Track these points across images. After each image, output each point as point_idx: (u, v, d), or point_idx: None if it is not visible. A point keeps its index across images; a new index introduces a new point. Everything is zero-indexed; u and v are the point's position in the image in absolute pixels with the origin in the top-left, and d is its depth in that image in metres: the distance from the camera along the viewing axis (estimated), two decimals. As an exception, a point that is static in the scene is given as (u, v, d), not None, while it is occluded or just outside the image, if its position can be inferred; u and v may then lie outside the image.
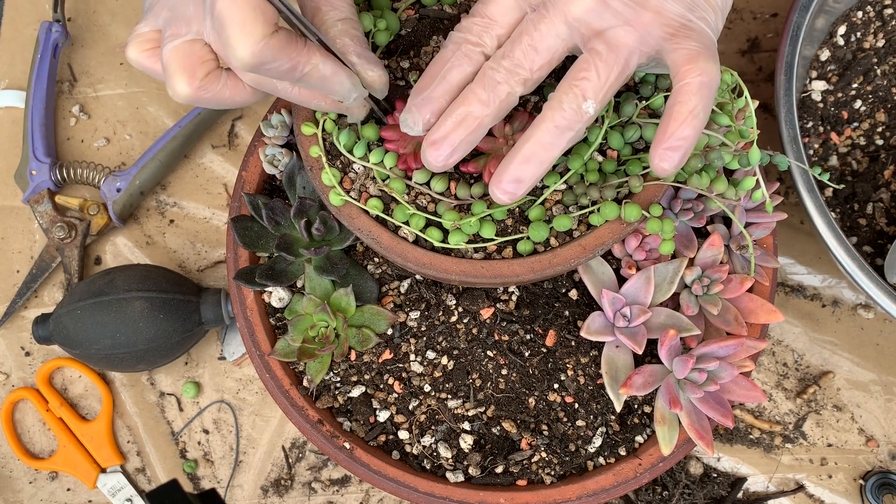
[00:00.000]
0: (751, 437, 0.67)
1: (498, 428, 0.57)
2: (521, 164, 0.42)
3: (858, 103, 0.67)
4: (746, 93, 0.48)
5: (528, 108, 0.51)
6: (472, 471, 0.56)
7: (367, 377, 0.58)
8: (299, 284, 0.59)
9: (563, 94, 0.41)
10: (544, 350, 0.58)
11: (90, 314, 0.62)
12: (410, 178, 0.49)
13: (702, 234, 0.59)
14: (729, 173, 0.58)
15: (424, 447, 0.57)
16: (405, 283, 0.59)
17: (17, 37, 0.77)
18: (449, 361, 0.58)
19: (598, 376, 0.57)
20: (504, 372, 0.58)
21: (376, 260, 0.59)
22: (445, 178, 0.49)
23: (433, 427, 0.58)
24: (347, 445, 0.56)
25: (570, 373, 0.58)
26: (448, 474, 0.57)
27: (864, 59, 0.67)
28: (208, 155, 0.74)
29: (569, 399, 0.58)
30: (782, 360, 0.69)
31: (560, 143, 0.42)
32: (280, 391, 0.57)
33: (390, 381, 0.58)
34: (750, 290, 0.58)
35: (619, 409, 0.54)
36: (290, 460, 0.68)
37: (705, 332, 0.57)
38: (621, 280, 0.57)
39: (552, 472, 0.57)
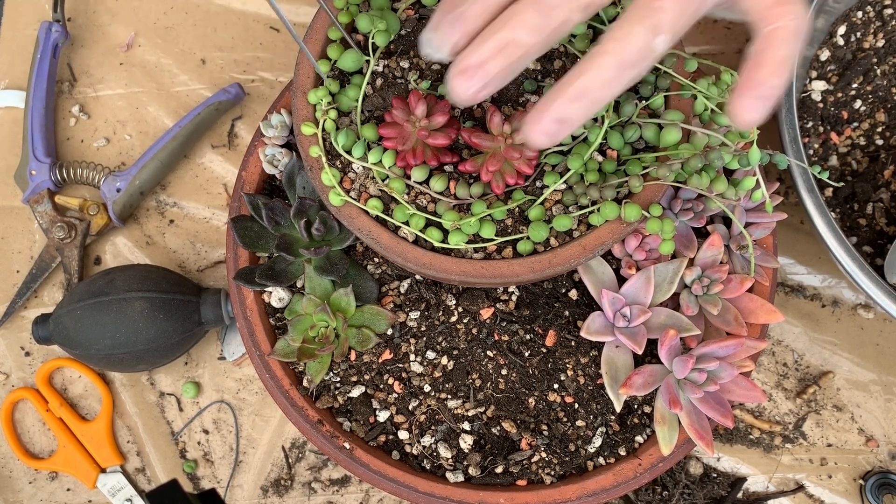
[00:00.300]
0: (751, 437, 0.67)
1: (498, 428, 0.57)
2: (570, 100, 0.35)
3: (858, 103, 0.67)
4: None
5: (529, 107, 0.51)
6: (471, 471, 0.56)
7: (367, 377, 0.58)
8: (299, 284, 0.59)
9: (634, 25, 0.35)
10: (544, 350, 0.58)
11: (90, 314, 0.62)
12: (410, 178, 0.49)
13: (702, 234, 0.59)
14: (729, 173, 0.58)
15: (424, 447, 0.57)
16: (405, 283, 0.59)
17: (17, 37, 0.77)
18: (449, 361, 0.58)
19: (598, 376, 0.57)
20: (504, 372, 0.58)
21: (376, 260, 0.59)
22: (445, 178, 0.49)
23: (433, 427, 0.58)
24: (347, 445, 0.56)
25: (570, 373, 0.58)
26: (448, 474, 0.57)
27: (863, 59, 0.67)
28: (208, 155, 0.74)
29: (569, 399, 0.58)
30: (782, 360, 0.69)
31: (621, 81, 0.35)
32: (280, 391, 0.57)
33: (390, 381, 0.58)
34: (750, 290, 0.58)
35: (619, 409, 0.54)
36: (290, 460, 0.68)
37: (705, 332, 0.57)
38: (621, 280, 0.57)
39: (552, 472, 0.57)
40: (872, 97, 0.67)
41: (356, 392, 0.58)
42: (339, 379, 0.59)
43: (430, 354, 0.58)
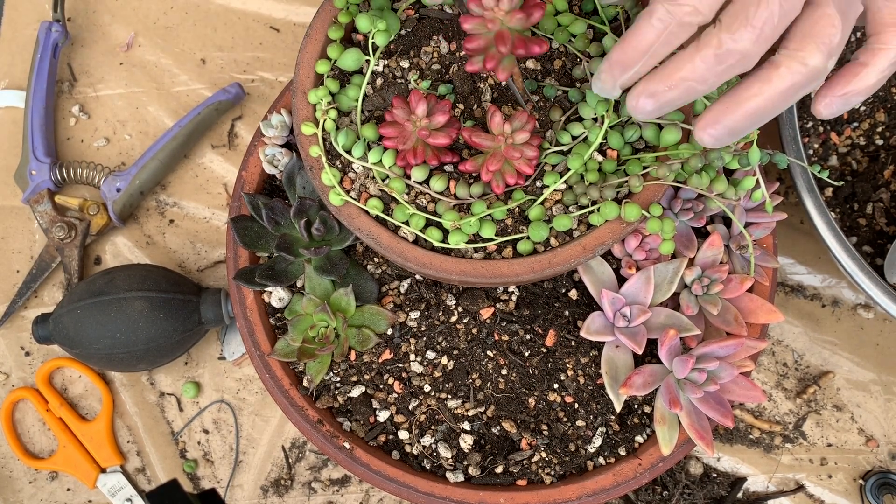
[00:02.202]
0: (751, 437, 0.67)
1: (498, 428, 0.57)
2: (744, 117, 0.38)
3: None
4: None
5: (529, 107, 0.51)
6: (472, 471, 0.56)
7: (367, 377, 0.58)
8: (299, 284, 0.59)
9: (808, 52, 0.37)
10: (544, 350, 0.58)
11: (90, 314, 0.62)
12: (410, 177, 0.49)
13: (702, 234, 0.59)
14: (729, 173, 0.58)
15: (424, 447, 0.57)
16: (405, 283, 0.59)
17: (17, 37, 0.77)
18: (449, 361, 0.58)
19: (598, 376, 0.57)
20: (504, 372, 0.58)
21: (376, 260, 0.59)
22: (445, 178, 0.49)
23: (433, 427, 0.58)
24: (347, 445, 0.56)
25: (570, 373, 0.58)
26: (448, 474, 0.57)
27: (863, 59, 0.67)
28: (208, 155, 0.74)
29: (569, 399, 0.58)
30: (782, 360, 0.69)
31: (791, 101, 0.38)
32: (280, 391, 0.57)
33: (390, 381, 0.58)
34: (750, 290, 0.58)
35: (619, 409, 0.54)
36: (290, 460, 0.68)
37: (705, 332, 0.57)
38: (621, 280, 0.57)
39: (552, 472, 0.57)
40: (872, 97, 0.67)
41: (356, 392, 0.58)
42: (339, 379, 0.59)
43: (430, 354, 0.58)
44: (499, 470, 0.57)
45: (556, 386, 0.58)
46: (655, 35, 0.38)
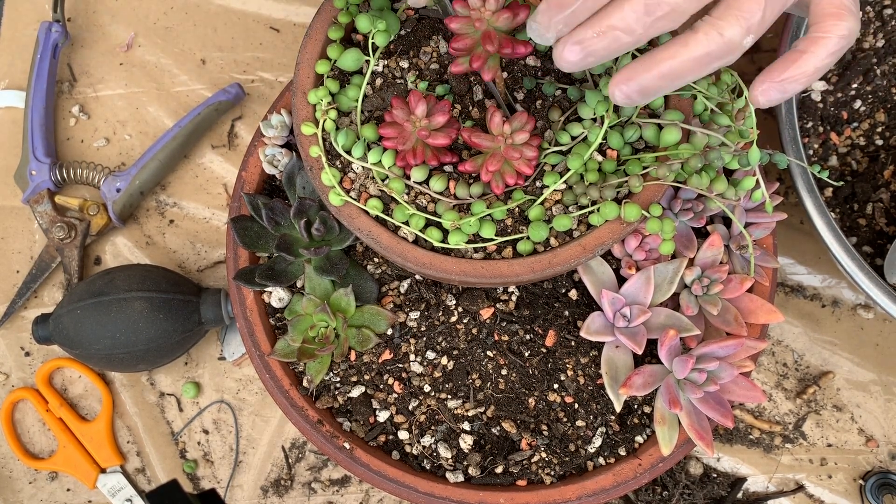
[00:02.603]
0: (751, 437, 0.67)
1: (498, 428, 0.57)
2: (657, 77, 0.39)
3: (858, 103, 0.67)
4: (746, 93, 0.48)
5: (538, 105, 0.51)
6: (471, 471, 0.56)
7: (366, 377, 0.58)
8: (299, 284, 0.59)
9: (728, 23, 0.38)
10: (544, 350, 0.58)
11: (90, 314, 0.62)
12: (409, 178, 0.49)
13: (701, 234, 0.59)
14: (729, 173, 0.58)
15: (424, 447, 0.57)
16: (405, 283, 0.59)
17: (17, 37, 0.77)
18: (449, 361, 0.58)
19: (597, 376, 0.57)
20: (504, 372, 0.58)
21: (376, 260, 0.59)
22: (444, 178, 0.49)
23: (433, 427, 0.58)
24: (347, 445, 0.56)
25: (569, 373, 0.58)
26: (448, 474, 0.57)
27: (863, 60, 0.67)
28: (208, 155, 0.74)
29: (569, 399, 0.58)
30: (782, 361, 0.69)
31: (704, 70, 0.39)
32: (280, 391, 0.57)
33: (390, 381, 0.58)
34: (750, 290, 0.58)
35: (618, 409, 0.54)
36: (290, 460, 0.68)
37: (705, 333, 0.57)
38: (621, 280, 0.57)
39: (552, 473, 0.57)
40: (872, 97, 0.67)
41: (356, 392, 0.58)
42: (339, 379, 0.59)
43: (430, 354, 0.58)
44: (499, 470, 0.57)
45: (556, 386, 0.58)
46: None
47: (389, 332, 0.58)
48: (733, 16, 0.38)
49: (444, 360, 0.58)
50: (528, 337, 0.58)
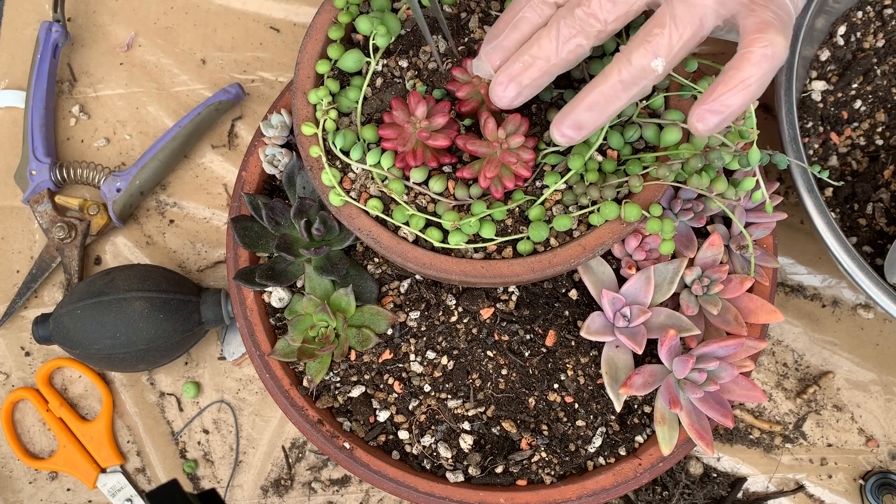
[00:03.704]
0: (751, 437, 0.67)
1: (498, 428, 0.57)
2: (584, 110, 0.42)
3: (858, 103, 0.67)
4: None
5: (533, 108, 0.51)
6: (471, 471, 0.56)
7: (367, 377, 0.58)
8: (299, 284, 0.59)
9: (634, 49, 0.41)
10: (544, 350, 0.58)
11: (90, 314, 0.62)
12: (409, 178, 0.49)
13: (702, 234, 0.59)
14: (729, 173, 0.58)
15: (424, 447, 0.57)
16: (405, 283, 0.59)
17: (17, 37, 0.77)
18: (449, 361, 0.58)
19: (598, 376, 0.57)
20: (504, 372, 0.58)
21: (376, 260, 0.59)
22: (444, 179, 0.49)
23: (433, 427, 0.58)
24: (347, 445, 0.56)
25: (570, 373, 0.58)
26: (448, 474, 0.57)
27: (863, 59, 0.67)
28: (208, 155, 0.74)
29: (569, 399, 0.58)
30: (782, 360, 0.69)
31: (624, 96, 0.42)
32: (280, 391, 0.57)
33: (390, 381, 0.58)
34: (750, 290, 0.58)
35: (619, 409, 0.54)
36: (290, 460, 0.68)
37: (705, 332, 0.57)
38: (621, 280, 0.57)
39: (552, 472, 0.57)
40: (872, 97, 0.67)
41: (356, 392, 0.58)
42: (339, 379, 0.59)
43: (430, 354, 0.58)
44: (499, 470, 0.57)
45: (556, 386, 0.58)
46: (519, 6, 0.43)
47: (389, 331, 0.58)
48: (639, 42, 0.41)
49: (444, 360, 0.58)
50: (528, 337, 0.58)
